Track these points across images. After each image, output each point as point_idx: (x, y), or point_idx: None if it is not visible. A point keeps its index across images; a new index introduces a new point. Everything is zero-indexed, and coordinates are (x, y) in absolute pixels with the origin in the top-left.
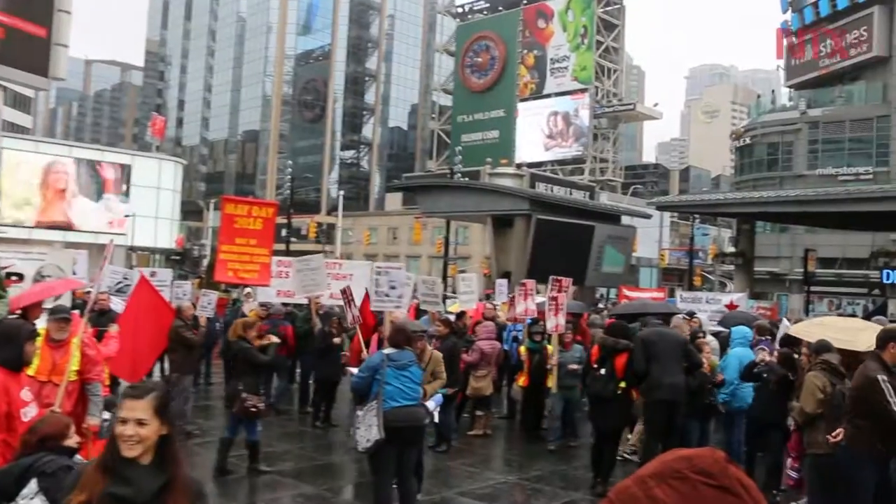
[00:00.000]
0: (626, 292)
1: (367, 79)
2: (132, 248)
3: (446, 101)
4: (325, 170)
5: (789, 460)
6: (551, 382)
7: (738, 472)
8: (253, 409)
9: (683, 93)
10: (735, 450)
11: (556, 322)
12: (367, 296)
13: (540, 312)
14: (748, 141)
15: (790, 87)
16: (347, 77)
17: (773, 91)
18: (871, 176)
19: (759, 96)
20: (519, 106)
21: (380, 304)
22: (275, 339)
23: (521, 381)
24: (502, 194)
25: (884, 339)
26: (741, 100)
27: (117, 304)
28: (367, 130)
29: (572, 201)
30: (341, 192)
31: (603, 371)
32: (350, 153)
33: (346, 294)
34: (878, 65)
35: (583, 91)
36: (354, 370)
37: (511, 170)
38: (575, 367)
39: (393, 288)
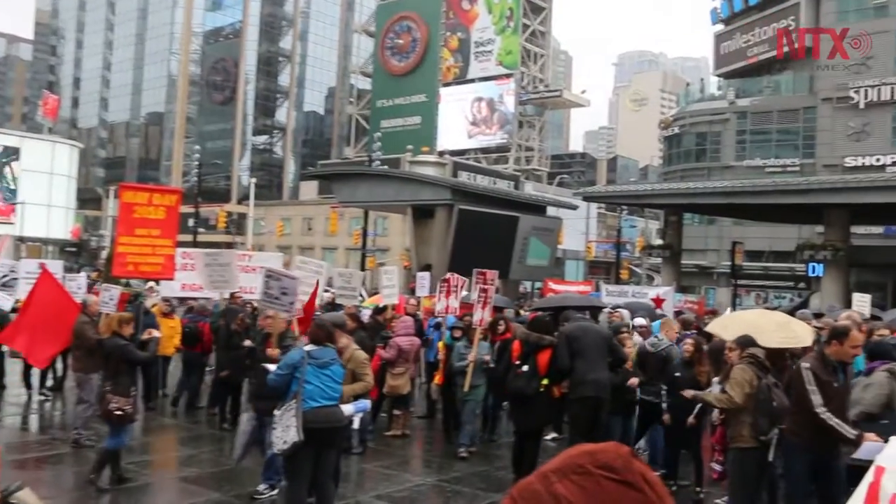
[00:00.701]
0: (552, 286)
1: (280, 59)
2: (21, 239)
3: (365, 84)
4: (235, 156)
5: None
6: (465, 382)
7: (642, 467)
8: (118, 413)
9: (612, 80)
10: (658, 444)
11: (481, 315)
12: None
13: (465, 306)
14: (676, 130)
15: (719, 75)
16: (260, 57)
17: (702, 80)
18: (798, 168)
19: (688, 85)
20: (441, 91)
21: (268, 305)
22: (156, 334)
23: (437, 379)
24: (423, 183)
25: (829, 336)
26: (670, 88)
27: (2, 301)
28: (281, 114)
29: (496, 191)
30: (253, 180)
31: (525, 368)
32: (262, 138)
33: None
34: (806, 54)
35: (508, 76)
36: (272, 367)
37: (433, 158)
38: (487, 358)
39: (284, 294)
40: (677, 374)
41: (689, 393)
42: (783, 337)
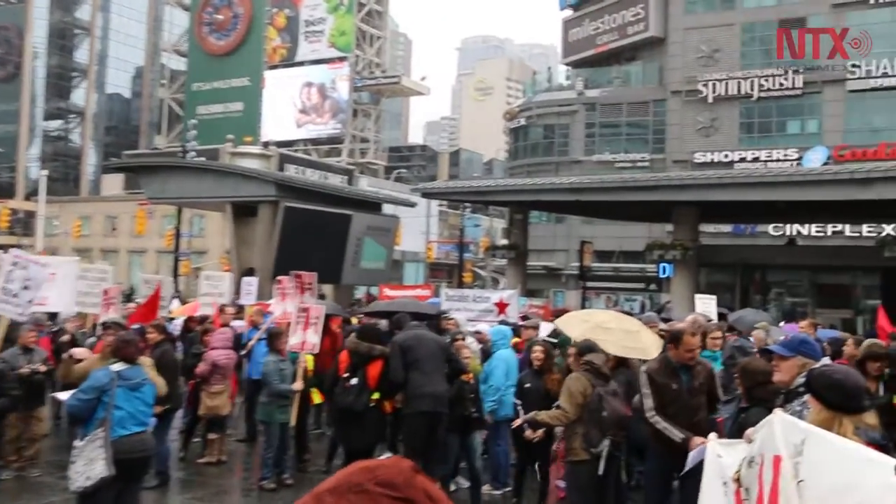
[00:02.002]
0: (389, 291)
1: (77, 32)
2: None
3: (179, 64)
4: (21, 144)
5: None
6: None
7: (425, 483)
8: None
9: (455, 66)
10: (502, 462)
11: (302, 338)
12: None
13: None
14: (523, 122)
15: (567, 64)
16: (51, 28)
17: (549, 68)
18: (648, 163)
19: (534, 73)
20: (266, 74)
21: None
22: None
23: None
24: (245, 177)
25: (667, 340)
26: (517, 76)
27: None
28: (79, 96)
29: (327, 187)
30: (44, 172)
31: (354, 381)
32: (56, 124)
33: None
34: (655, 45)
35: (341, 60)
36: (62, 395)
37: (257, 149)
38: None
39: (26, 288)
40: (527, 384)
41: (517, 422)
42: (627, 346)
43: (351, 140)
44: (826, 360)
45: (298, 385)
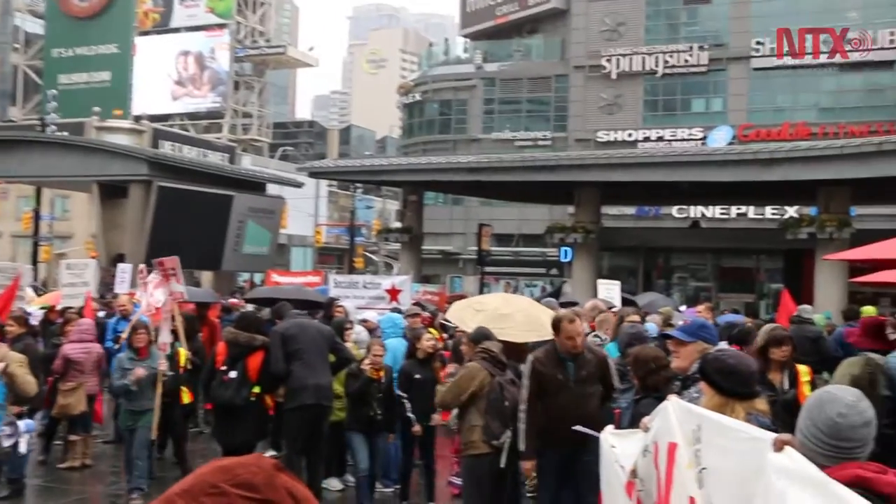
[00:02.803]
0: (277, 277)
1: None
2: None
3: (36, 27)
4: None
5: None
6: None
7: (288, 482)
8: None
9: (346, 37)
10: (392, 457)
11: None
12: None
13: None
14: (418, 97)
15: (465, 36)
16: None
17: (446, 40)
18: (549, 142)
19: (431, 45)
20: (137, 41)
21: None
22: None
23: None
24: (114, 154)
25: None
26: (412, 48)
27: None
28: None
29: (206, 165)
30: None
31: (233, 374)
32: None
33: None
34: (557, 18)
35: (221, 27)
36: None
37: (127, 123)
38: (163, 367)
39: None
40: (417, 375)
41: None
42: (531, 330)
43: (232, 115)
44: (723, 345)
45: (158, 390)
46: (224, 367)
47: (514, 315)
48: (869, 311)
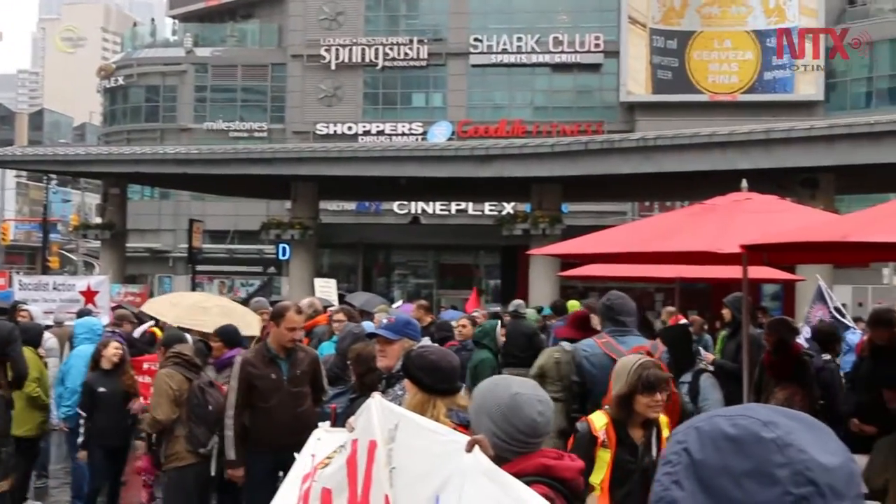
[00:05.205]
0: None
1: None
2: None
3: None
4: None
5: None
6: None
7: None
8: None
9: (36, 10)
10: (82, 477)
11: None
12: None
13: None
14: (121, 81)
15: (174, 17)
16: None
17: (153, 20)
18: (265, 133)
19: (135, 25)
20: None
21: None
22: None
23: None
24: None
25: (270, 318)
26: (115, 27)
27: None
28: None
29: None
30: None
31: None
32: None
33: None
34: (274, 3)
35: None
36: None
37: None
38: None
39: None
40: (101, 388)
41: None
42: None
43: None
44: (426, 341)
45: None
46: None
47: (213, 309)
48: (574, 305)
